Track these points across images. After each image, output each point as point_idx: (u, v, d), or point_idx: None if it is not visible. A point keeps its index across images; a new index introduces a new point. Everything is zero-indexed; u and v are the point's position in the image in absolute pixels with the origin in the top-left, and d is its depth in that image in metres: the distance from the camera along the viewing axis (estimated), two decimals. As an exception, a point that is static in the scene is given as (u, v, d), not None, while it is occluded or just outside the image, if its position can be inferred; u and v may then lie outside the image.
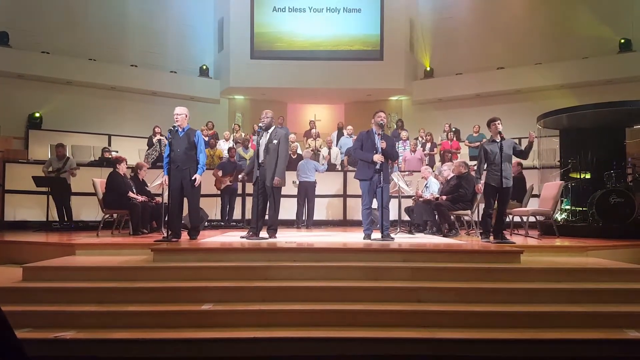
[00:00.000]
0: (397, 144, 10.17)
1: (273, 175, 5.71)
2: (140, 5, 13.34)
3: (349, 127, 10.87)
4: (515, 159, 6.25)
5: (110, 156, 9.51)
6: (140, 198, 6.96)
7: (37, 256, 5.07)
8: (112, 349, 3.38)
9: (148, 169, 7.89)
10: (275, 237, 5.79)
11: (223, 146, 10.44)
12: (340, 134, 11.18)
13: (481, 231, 6.05)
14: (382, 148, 5.62)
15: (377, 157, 5.60)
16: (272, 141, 5.77)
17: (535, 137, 8.79)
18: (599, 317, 3.72)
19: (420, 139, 10.79)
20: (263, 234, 5.74)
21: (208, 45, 14.40)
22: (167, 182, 5.66)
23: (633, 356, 3.36)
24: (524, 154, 5.85)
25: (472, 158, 9.93)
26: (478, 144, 9.41)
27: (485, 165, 5.81)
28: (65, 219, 8.02)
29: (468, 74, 13.38)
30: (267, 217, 5.95)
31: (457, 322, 3.67)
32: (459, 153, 10.57)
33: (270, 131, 5.83)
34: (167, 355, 3.40)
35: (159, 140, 9.79)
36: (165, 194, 6.10)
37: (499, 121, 5.76)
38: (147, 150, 9.98)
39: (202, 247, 5.02)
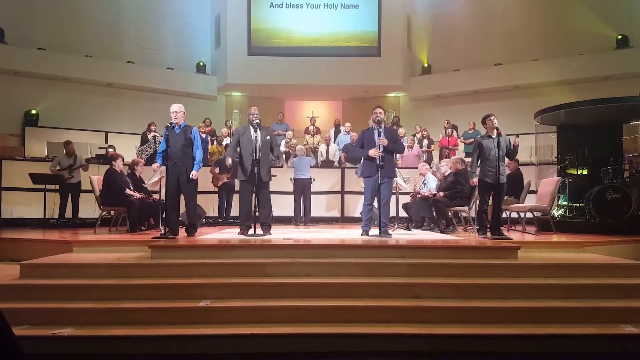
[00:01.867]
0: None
1: (269, 171, 5.84)
2: (137, 1, 13.28)
3: (347, 124, 10.86)
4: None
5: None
6: (137, 195, 6.95)
7: (34, 253, 5.05)
8: (110, 346, 3.38)
9: (143, 165, 7.83)
10: (270, 234, 5.80)
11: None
12: (337, 131, 11.17)
13: (478, 227, 6.06)
14: (383, 146, 5.60)
15: (373, 152, 5.59)
16: (265, 138, 5.83)
17: (532, 133, 8.97)
18: (596, 313, 3.74)
19: (417, 135, 10.79)
20: (258, 230, 5.75)
21: (205, 42, 14.35)
22: (163, 173, 5.66)
23: (629, 351, 3.37)
24: (508, 156, 5.87)
25: (467, 155, 9.91)
26: (473, 140, 9.40)
27: (479, 161, 5.81)
28: (66, 217, 8.02)
29: (465, 71, 13.37)
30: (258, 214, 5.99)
31: (454, 318, 3.68)
32: (456, 149, 10.57)
33: (259, 128, 5.86)
34: (165, 352, 3.40)
35: (154, 137, 9.68)
36: (163, 190, 6.09)
37: (493, 116, 5.76)
38: (140, 146, 9.74)
39: (200, 244, 5.01)
